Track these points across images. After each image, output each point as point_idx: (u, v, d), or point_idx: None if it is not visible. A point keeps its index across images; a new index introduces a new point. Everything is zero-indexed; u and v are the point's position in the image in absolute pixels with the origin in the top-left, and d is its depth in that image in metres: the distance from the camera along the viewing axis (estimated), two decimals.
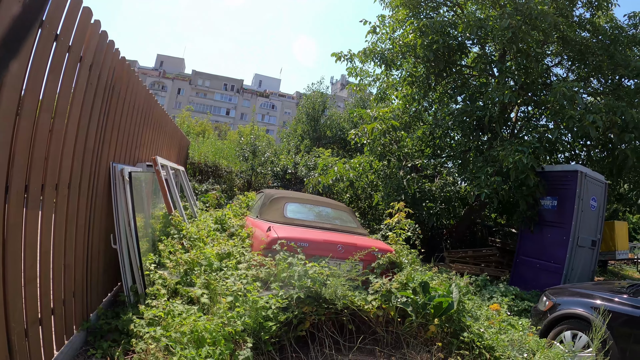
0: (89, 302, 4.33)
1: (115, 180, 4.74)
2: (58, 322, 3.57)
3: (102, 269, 4.72)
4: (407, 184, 11.19)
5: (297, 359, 4.80)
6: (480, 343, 5.19)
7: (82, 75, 3.61)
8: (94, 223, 4.34)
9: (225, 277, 4.97)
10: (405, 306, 5.32)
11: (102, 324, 4.41)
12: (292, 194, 8.68)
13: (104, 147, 4.46)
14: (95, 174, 4.26)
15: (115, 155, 4.96)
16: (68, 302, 3.76)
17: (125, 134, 5.36)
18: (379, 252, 6.27)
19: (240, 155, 17.21)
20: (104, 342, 4.17)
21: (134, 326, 4.08)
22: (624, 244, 13.55)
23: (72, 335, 3.92)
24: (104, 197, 4.63)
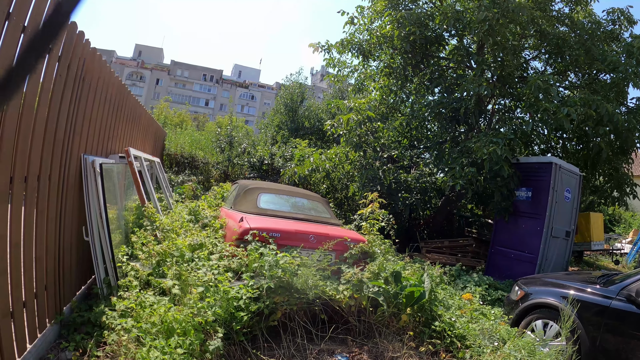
0: (62, 295, 4.33)
1: (86, 172, 4.72)
2: (30, 316, 3.56)
3: (74, 262, 4.71)
4: (382, 175, 11.26)
5: (269, 348, 4.85)
6: (452, 332, 5.30)
7: (51, 66, 3.59)
8: (65, 215, 4.32)
9: (197, 268, 4.99)
10: (377, 296, 5.38)
11: (76, 317, 4.41)
12: (267, 184, 8.70)
13: (75, 139, 4.43)
14: (66, 166, 4.24)
15: (87, 147, 4.93)
16: (40, 295, 3.76)
17: (97, 126, 5.33)
18: (352, 242, 6.33)
19: (217, 146, 17.14)
20: (77, 335, 4.18)
21: (106, 318, 4.09)
22: (600, 235, 13.78)
23: (45, 328, 3.92)
24: (76, 190, 4.61)
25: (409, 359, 5.09)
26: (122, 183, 6.20)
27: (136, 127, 8.60)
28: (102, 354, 3.78)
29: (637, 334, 4.60)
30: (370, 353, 5.18)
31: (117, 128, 6.58)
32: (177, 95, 75.29)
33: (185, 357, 3.55)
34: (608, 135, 10.30)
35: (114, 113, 6.25)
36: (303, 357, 4.83)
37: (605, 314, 4.93)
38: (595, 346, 4.90)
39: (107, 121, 5.82)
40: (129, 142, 7.79)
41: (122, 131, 7.10)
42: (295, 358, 4.79)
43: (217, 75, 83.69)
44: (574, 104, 9.01)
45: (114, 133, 6.37)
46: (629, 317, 4.72)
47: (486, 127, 11.68)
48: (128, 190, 6.59)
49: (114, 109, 6.20)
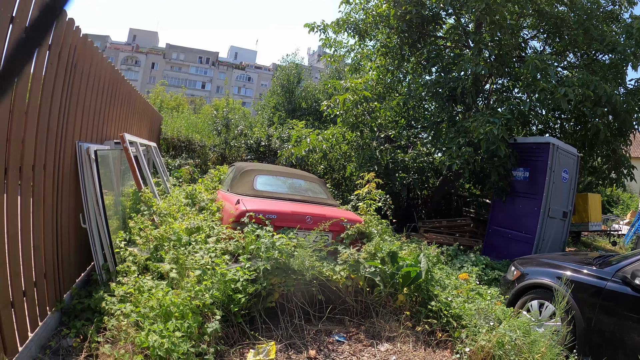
0: (61, 282, 4.37)
1: (81, 160, 4.73)
2: (30, 305, 3.60)
3: (73, 249, 4.74)
4: (380, 155, 11.24)
5: (267, 329, 4.91)
6: (448, 312, 5.33)
7: (41, 55, 3.58)
8: (62, 203, 4.34)
9: (194, 251, 5.03)
10: (373, 276, 5.43)
11: (76, 304, 4.46)
12: (263, 166, 8.69)
13: (69, 126, 4.43)
14: (61, 154, 4.24)
15: (81, 134, 4.93)
16: (40, 284, 3.80)
17: (91, 113, 5.32)
18: (348, 222, 6.37)
19: (213, 129, 17.09)
20: (77, 321, 4.23)
21: (106, 304, 4.13)
22: (597, 216, 13.82)
23: (46, 316, 3.97)
24: (71, 177, 4.63)
25: (406, 338, 5.18)
26: (118, 169, 6.21)
27: (131, 112, 8.57)
28: (103, 339, 3.83)
29: (632, 316, 4.63)
30: (367, 333, 5.26)
31: (111, 114, 6.56)
32: (173, 78, 74.80)
33: (183, 340, 3.60)
34: (606, 117, 10.25)
35: (108, 99, 6.23)
36: (301, 338, 4.89)
37: (601, 295, 4.95)
38: (590, 327, 4.94)
39: (101, 107, 5.81)
40: (124, 128, 7.77)
41: (117, 117, 7.08)
42: (293, 339, 4.85)
43: (213, 58, 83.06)
44: (571, 84, 8.93)
45: (108, 119, 6.35)
46: (624, 299, 4.75)
47: (483, 107, 11.62)
48: (124, 176, 6.60)
49: (108, 95, 6.18)
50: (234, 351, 4.37)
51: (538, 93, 9.28)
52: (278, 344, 4.64)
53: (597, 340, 4.89)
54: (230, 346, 4.46)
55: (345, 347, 4.92)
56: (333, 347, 4.86)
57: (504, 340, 4.53)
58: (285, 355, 4.54)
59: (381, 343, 5.09)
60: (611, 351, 4.72)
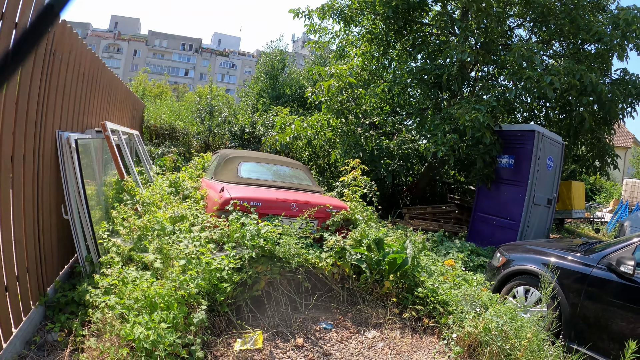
0: (44, 276, 4.27)
1: (62, 149, 4.61)
2: (13, 300, 3.51)
3: (55, 241, 4.64)
4: (365, 141, 11.21)
5: (254, 318, 4.88)
6: (434, 298, 5.35)
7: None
8: (43, 195, 4.23)
9: (179, 241, 4.96)
10: (359, 263, 5.44)
11: (60, 297, 4.37)
12: (248, 153, 8.60)
13: (48, 115, 4.30)
14: (40, 144, 4.12)
15: (61, 124, 4.81)
16: (22, 278, 3.71)
17: (72, 101, 5.19)
18: (334, 209, 6.34)
19: (197, 116, 16.88)
20: (62, 315, 4.15)
21: (90, 296, 4.06)
22: (581, 204, 13.92)
23: (30, 311, 3.89)
24: (52, 168, 4.51)
25: (393, 325, 5.20)
26: (100, 158, 6.10)
27: (113, 100, 8.42)
28: (88, 332, 3.77)
29: (616, 302, 4.66)
30: (354, 320, 5.26)
31: (92, 102, 6.43)
32: (156, 65, 73.87)
33: (169, 331, 3.55)
34: (591, 105, 10.35)
35: (89, 87, 6.09)
36: (288, 326, 4.88)
37: (586, 281, 5.00)
38: (575, 313, 4.99)
39: (81, 95, 5.67)
40: (106, 116, 7.63)
41: (98, 105, 6.94)
42: (280, 327, 4.83)
43: (196, 44, 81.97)
44: (557, 73, 8.98)
45: (89, 107, 6.22)
46: (609, 285, 4.79)
47: (469, 94, 11.63)
48: (107, 165, 6.48)
49: (89, 82, 6.03)
50: (220, 341, 4.34)
51: (524, 81, 9.30)
52: (265, 333, 4.62)
53: (582, 326, 4.94)
54: (217, 336, 4.43)
55: (333, 334, 4.91)
56: (320, 335, 4.85)
57: (491, 326, 4.55)
58: (273, 344, 4.51)
59: (368, 330, 5.10)
60: (596, 336, 4.76)
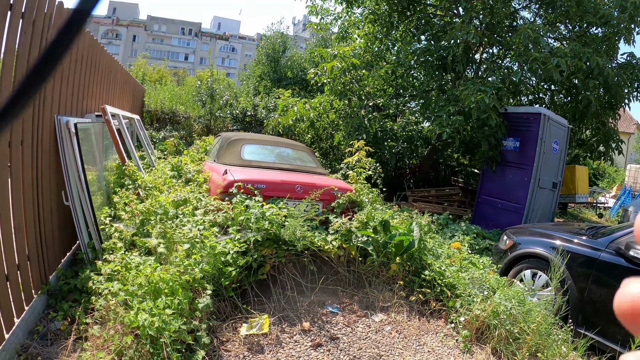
0: (46, 264, 4.19)
1: (61, 134, 4.49)
2: (15, 290, 3.44)
3: (57, 228, 4.55)
4: (368, 123, 11.07)
5: (260, 302, 4.82)
6: (442, 281, 5.28)
7: (14, 23, 3.31)
8: (42, 181, 4.13)
9: (182, 225, 4.85)
10: (365, 245, 5.35)
11: (62, 285, 4.30)
12: (250, 135, 8.47)
13: (46, 100, 4.19)
14: (39, 128, 4.01)
15: (60, 108, 4.69)
16: (23, 267, 3.62)
17: (70, 85, 5.06)
18: (339, 191, 6.22)
19: (198, 100, 16.68)
20: (64, 303, 4.09)
21: (93, 283, 3.99)
22: (584, 188, 13.88)
23: (32, 300, 3.82)
24: (51, 153, 4.40)
25: (400, 308, 5.14)
26: (101, 143, 5.98)
27: (113, 84, 8.29)
28: (91, 320, 3.70)
29: None
30: (360, 303, 5.20)
31: (92, 86, 6.30)
32: (156, 51, 73.41)
33: (174, 317, 3.47)
34: (597, 89, 10.20)
35: (88, 70, 5.95)
36: (294, 310, 4.82)
37: (594, 265, 4.95)
38: (583, 297, 4.95)
39: (80, 79, 5.54)
40: (106, 100, 7.50)
41: (98, 89, 6.82)
42: (286, 311, 4.77)
43: (195, 29, 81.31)
44: (563, 55, 8.82)
45: (89, 91, 6.09)
46: (617, 270, 4.75)
47: (473, 76, 11.47)
48: (107, 150, 6.37)
49: (88, 66, 5.90)
50: (226, 326, 4.28)
51: (530, 63, 9.11)
52: (271, 317, 4.55)
53: (589, 310, 4.90)
54: (223, 321, 4.37)
55: (339, 318, 4.85)
56: (327, 319, 4.79)
57: (499, 310, 4.51)
58: (279, 328, 4.45)
59: (375, 313, 5.04)
60: (604, 321, 4.71)
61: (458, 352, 4.56)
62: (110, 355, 3.25)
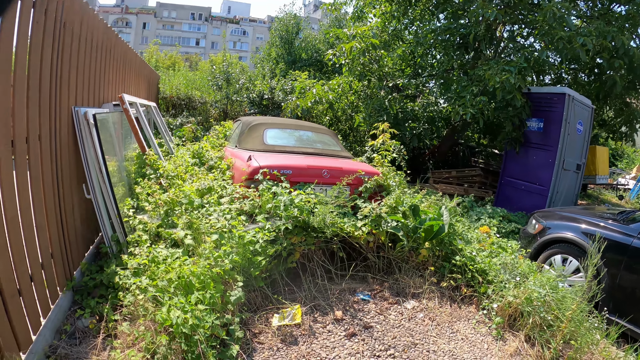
0: (70, 260, 4.07)
1: (79, 126, 4.34)
2: (40, 289, 3.32)
3: (79, 223, 4.43)
4: (389, 104, 10.83)
5: (290, 291, 4.72)
6: (473, 267, 5.15)
7: (25, 13, 3.14)
8: (63, 175, 3.98)
9: (208, 214, 4.70)
10: (396, 231, 5.20)
11: (87, 281, 4.19)
12: (271, 119, 8.25)
13: (62, 91, 4.02)
14: (56, 121, 3.86)
15: (77, 99, 4.54)
16: (47, 265, 3.50)
17: (86, 74, 4.91)
18: (366, 175, 6.02)
19: (213, 84, 16.48)
20: (91, 299, 3.98)
21: (119, 278, 3.86)
22: (605, 169, 13.58)
23: (57, 298, 3.70)
24: (70, 146, 4.26)
25: (431, 294, 5.03)
26: (120, 132, 5.84)
27: (128, 72, 8.15)
28: (120, 317, 3.59)
29: None
30: (391, 290, 5.10)
31: (108, 75, 6.15)
32: (166, 37, 73.33)
33: (207, 312, 3.34)
34: (622, 69, 9.85)
35: (103, 59, 5.80)
36: (325, 298, 4.72)
37: (627, 252, 4.83)
38: (615, 284, 4.83)
39: (96, 68, 5.38)
40: (122, 89, 7.38)
41: (114, 78, 6.67)
42: (318, 299, 4.66)
43: (205, 13, 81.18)
44: (588, 34, 8.51)
45: (105, 80, 5.94)
46: None
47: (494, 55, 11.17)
48: (126, 139, 6.22)
49: (103, 54, 5.74)
50: (258, 317, 4.17)
51: (555, 42, 8.84)
52: (303, 306, 4.44)
53: (621, 298, 4.79)
54: (254, 312, 4.26)
55: (371, 305, 4.74)
56: (359, 307, 4.68)
57: (533, 296, 4.39)
58: (311, 318, 4.34)
59: (407, 300, 4.94)
60: (635, 309, 4.61)
61: (491, 339, 4.46)
62: (142, 353, 3.14)
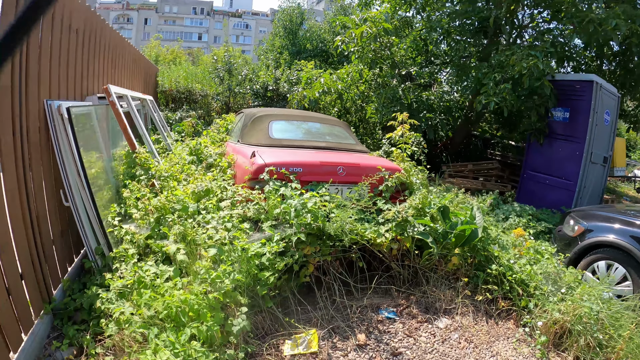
0: (47, 279, 3.41)
1: (53, 122, 3.65)
2: (7, 320, 2.69)
3: (58, 234, 3.75)
4: (403, 94, 10.16)
5: (304, 311, 4.02)
6: (512, 277, 4.48)
7: None
8: (35, 181, 3.31)
9: (205, 222, 3.97)
10: (424, 237, 4.53)
11: (68, 303, 3.52)
12: (277, 111, 7.49)
13: (31, 81, 3.30)
14: (23, 118, 3.16)
15: (52, 91, 3.83)
16: (15, 290, 2.85)
17: (64, 64, 4.19)
18: (386, 171, 5.28)
19: (215, 76, 15.77)
20: (70, 326, 3.32)
21: (101, 303, 3.19)
22: (622, 161, 13.15)
23: (32, 326, 3.05)
24: (43, 145, 3.58)
25: (464, 308, 4.36)
26: (107, 129, 5.14)
27: (120, 62, 7.45)
28: (102, 349, 2.91)
29: None
30: (419, 305, 4.42)
31: (94, 65, 5.44)
32: (168, 32, 72.72)
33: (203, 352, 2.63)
34: None
35: (86, 47, 5.06)
36: (345, 318, 4.04)
37: None
38: None
39: (77, 57, 4.66)
40: (112, 81, 6.69)
41: (102, 68, 5.96)
42: (336, 320, 3.98)
43: (207, 7, 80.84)
44: (617, 17, 7.84)
45: (90, 71, 5.23)
46: None
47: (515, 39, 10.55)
48: (115, 136, 5.50)
49: (85, 42, 5.01)
50: (267, 346, 3.45)
51: (585, 25, 8.17)
52: (319, 330, 3.76)
53: None
54: (262, 339, 3.57)
55: (398, 325, 4.08)
56: (384, 328, 4.01)
57: (582, 313, 3.78)
58: (330, 344, 3.66)
59: (438, 318, 4.28)
60: None
61: None
62: None
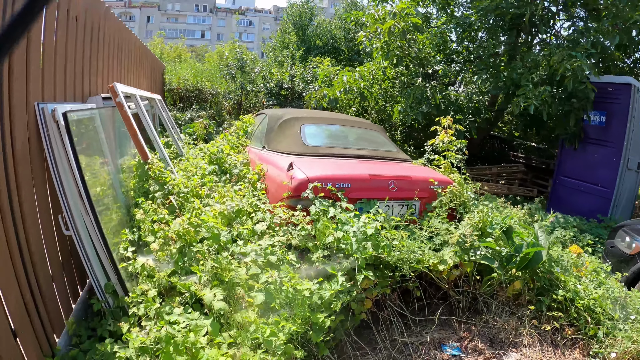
0: (47, 327, 2.71)
1: (46, 130, 2.87)
2: None
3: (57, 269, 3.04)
4: (431, 93, 9.55)
5: (363, 355, 3.41)
6: (580, 303, 3.96)
7: None
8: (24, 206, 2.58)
9: (242, 254, 3.21)
10: (489, 262, 3.96)
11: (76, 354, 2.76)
12: (304, 112, 6.59)
13: (15, 83, 2.52)
14: (5, 128, 2.41)
15: (45, 92, 3.05)
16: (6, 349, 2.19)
17: (61, 58, 3.43)
18: (439, 185, 4.60)
19: (226, 73, 15.01)
20: None
21: None
22: None
23: None
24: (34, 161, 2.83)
25: (529, 338, 3.83)
26: (113, 135, 4.39)
27: (126, 58, 6.77)
28: None
29: None
30: (482, 337, 3.89)
31: (96, 59, 4.71)
32: (171, 30, 73.13)
33: None
34: None
35: (88, 40, 4.31)
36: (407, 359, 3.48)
37: None
38: None
39: (77, 52, 3.92)
40: (119, 78, 6.03)
41: (106, 65, 5.23)
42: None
43: (210, 5, 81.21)
44: None
45: (91, 68, 4.46)
46: None
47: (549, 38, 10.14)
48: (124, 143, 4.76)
49: (86, 34, 4.26)
50: None
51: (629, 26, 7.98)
52: None
53: None
54: None
55: None
56: None
57: None
58: None
59: (506, 352, 3.76)
60: None
61: None
62: None
